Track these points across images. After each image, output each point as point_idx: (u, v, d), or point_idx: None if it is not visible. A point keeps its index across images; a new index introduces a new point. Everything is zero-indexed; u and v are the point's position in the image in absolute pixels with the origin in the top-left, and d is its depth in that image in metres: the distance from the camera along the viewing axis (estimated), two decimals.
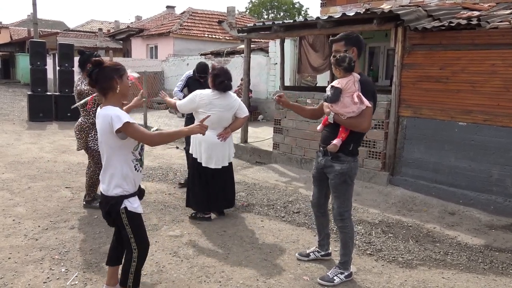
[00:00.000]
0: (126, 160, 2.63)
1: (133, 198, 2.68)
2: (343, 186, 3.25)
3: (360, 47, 3.25)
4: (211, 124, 4.30)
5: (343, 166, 3.20)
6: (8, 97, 18.15)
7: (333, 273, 3.31)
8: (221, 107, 4.32)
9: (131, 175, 2.65)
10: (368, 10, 5.73)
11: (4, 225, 4.22)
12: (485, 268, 3.69)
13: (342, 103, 3.14)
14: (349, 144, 3.21)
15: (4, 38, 33.16)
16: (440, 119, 5.43)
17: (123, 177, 2.62)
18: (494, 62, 4.94)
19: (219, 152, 4.42)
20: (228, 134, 4.44)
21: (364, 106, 3.09)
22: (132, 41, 23.03)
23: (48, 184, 5.68)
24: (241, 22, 21.27)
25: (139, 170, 2.71)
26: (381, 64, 9.40)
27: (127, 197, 2.65)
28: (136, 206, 2.68)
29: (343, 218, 3.29)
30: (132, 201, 2.67)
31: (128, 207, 2.64)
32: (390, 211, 5.04)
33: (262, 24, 7.57)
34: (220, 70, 4.38)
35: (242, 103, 4.59)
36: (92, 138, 4.65)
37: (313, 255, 3.68)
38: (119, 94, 2.64)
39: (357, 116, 3.13)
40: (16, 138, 9.02)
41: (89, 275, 3.28)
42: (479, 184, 5.14)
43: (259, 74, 12.41)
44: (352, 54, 3.18)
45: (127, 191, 2.64)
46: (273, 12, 43.94)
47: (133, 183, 2.68)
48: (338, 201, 3.28)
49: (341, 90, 3.12)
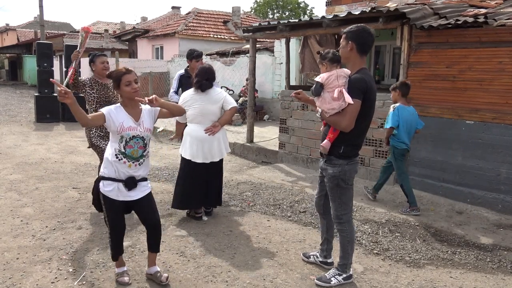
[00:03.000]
0: (112, 148, 3.01)
1: (109, 182, 2.99)
2: (336, 190, 3.16)
3: (360, 42, 2.98)
4: (195, 117, 4.37)
5: (335, 170, 3.11)
6: (15, 98, 18.30)
7: (331, 274, 3.28)
8: (202, 101, 4.31)
9: (111, 162, 2.98)
10: (374, 9, 5.70)
11: (13, 226, 4.26)
12: (494, 267, 3.66)
13: (322, 98, 3.05)
14: (339, 147, 3.08)
15: (11, 40, 33.46)
16: (447, 117, 5.40)
17: (107, 162, 3.01)
18: (502, 60, 4.90)
19: (206, 147, 4.36)
20: (216, 128, 4.35)
21: (346, 103, 2.93)
22: (138, 42, 23.11)
23: (55, 185, 5.72)
24: (246, 22, 21.27)
25: (121, 160, 2.97)
26: (387, 63, 9.34)
27: (104, 179, 3.01)
28: (108, 189, 2.99)
29: (341, 222, 3.22)
30: (106, 184, 3.00)
31: (100, 188, 3.02)
32: (397, 210, 5.01)
33: (267, 23, 7.56)
34: (200, 70, 4.37)
35: (229, 96, 4.47)
36: (94, 135, 4.67)
37: (312, 258, 3.64)
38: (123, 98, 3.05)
39: (338, 114, 2.99)
40: (24, 139, 9.08)
41: (97, 275, 3.30)
42: (487, 183, 5.10)
43: (264, 73, 12.39)
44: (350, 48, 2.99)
45: (106, 174, 3.00)
46: (278, 11, 43.87)
47: (114, 170, 2.98)
48: (334, 204, 3.22)
49: (322, 85, 3.03)
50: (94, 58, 4.75)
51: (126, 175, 2.99)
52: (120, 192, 3.00)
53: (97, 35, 29.41)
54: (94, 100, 4.60)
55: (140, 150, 3.02)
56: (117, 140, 2.98)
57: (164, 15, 28.17)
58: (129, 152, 2.98)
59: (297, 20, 6.89)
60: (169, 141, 8.96)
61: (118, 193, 3.00)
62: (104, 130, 4.72)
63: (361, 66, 3.06)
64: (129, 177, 3.00)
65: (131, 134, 2.98)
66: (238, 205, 5.10)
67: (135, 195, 3.05)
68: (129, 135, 2.97)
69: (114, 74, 3.04)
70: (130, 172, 3.00)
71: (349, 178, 3.15)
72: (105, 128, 4.63)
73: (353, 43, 3.00)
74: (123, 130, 2.96)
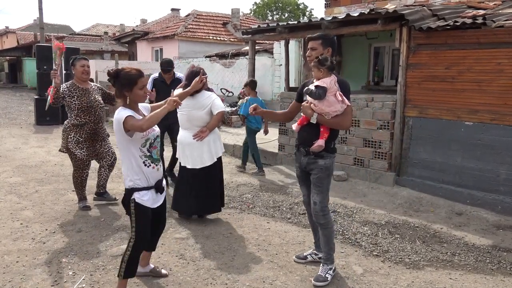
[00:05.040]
0: (134, 156, 2.82)
1: (144, 192, 2.86)
2: (326, 180, 3.32)
3: (334, 48, 3.39)
4: (183, 123, 4.43)
5: (327, 161, 3.29)
6: (15, 101, 18.30)
7: (324, 271, 3.34)
8: (188, 107, 4.29)
9: (141, 170, 2.84)
10: (373, 10, 5.72)
11: (12, 229, 4.26)
12: (493, 268, 3.66)
13: (327, 101, 3.19)
14: (330, 143, 3.31)
15: (11, 43, 33.47)
16: (446, 119, 5.40)
17: (134, 172, 2.83)
18: (501, 61, 4.90)
19: (195, 152, 4.37)
20: (204, 134, 4.34)
21: (345, 105, 3.20)
22: (138, 44, 23.14)
23: (55, 188, 5.72)
24: (245, 23, 21.33)
25: (150, 166, 2.86)
26: (386, 64, 9.34)
27: (138, 190, 2.84)
28: (145, 198, 2.86)
29: (325, 214, 3.31)
30: (142, 194, 2.85)
31: (136, 199, 2.84)
32: (397, 212, 5.01)
33: (266, 25, 7.58)
34: (187, 73, 4.36)
35: (218, 100, 4.39)
36: (72, 140, 4.66)
37: (310, 257, 3.67)
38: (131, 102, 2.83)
39: (341, 115, 3.22)
40: (24, 142, 9.09)
41: (96, 278, 3.30)
42: (486, 184, 5.10)
43: (264, 75, 12.40)
44: (328, 54, 3.30)
45: (138, 185, 2.84)
46: (277, 13, 43.93)
47: (145, 178, 2.86)
48: (321, 195, 3.31)
49: (327, 90, 3.17)
50: (75, 62, 4.71)
51: (155, 180, 2.92)
52: (154, 199, 2.93)
53: (97, 37, 29.46)
54: (75, 107, 4.60)
55: (160, 150, 3.00)
56: (138, 145, 2.82)
57: (163, 17, 28.21)
58: (154, 154, 2.91)
59: (296, 22, 6.90)
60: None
61: (153, 200, 2.93)
62: (83, 135, 4.69)
63: None
64: (158, 181, 2.94)
65: (155, 134, 2.91)
66: (237, 207, 5.10)
67: (161, 199, 3.02)
68: (154, 136, 2.89)
69: (125, 74, 2.76)
70: (158, 176, 2.94)
71: (333, 170, 3.44)
72: (84, 134, 4.66)
73: (331, 49, 3.35)
74: (148, 133, 2.84)
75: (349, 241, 4.13)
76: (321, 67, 3.20)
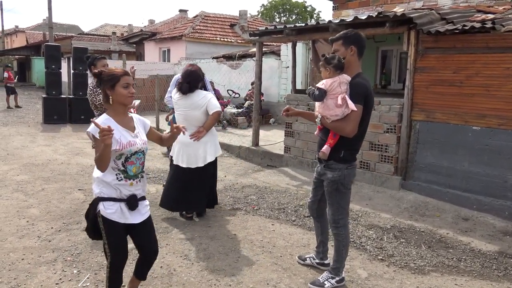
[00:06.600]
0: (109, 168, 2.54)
1: (110, 203, 2.56)
2: (335, 194, 3.16)
3: (360, 45, 3.08)
4: (180, 123, 4.44)
5: (335, 174, 3.11)
6: (23, 99, 18.46)
7: (324, 278, 3.29)
8: (185, 107, 4.36)
9: (112, 183, 2.57)
10: (381, 14, 5.69)
11: (18, 227, 4.29)
12: (499, 275, 3.62)
13: (325, 105, 3.05)
14: (339, 151, 3.09)
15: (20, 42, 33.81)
16: (454, 123, 5.37)
17: (104, 182, 2.57)
18: (509, 66, 4.86)
19: (191, 152, 4.42)
20: (201, 134, 4.37)
21: (349, 110, 2.96)
22: (145, 45, 23.24)
23: (61, 186, 5.75)
24: (253, 25, 21.33)
25: (122, 180, 2.58)
26: (394, 68, 9.30)
27: (104, 200, 2.56)
28: (109, 211, 2.55)
29: (338, 226, 3.21)
30: (107, 206, 2.55)
31: (101, 211, 2.55)
32: (402, 216, 4.98)
33: (274, 27, 7.57)
34: (183, 72, 4.43)
35: (214, 99, 4.39)
36: None
37: (309, 260, 3.65)
38: (115, 103, 2.60)
39: (341, 120, 3.01)
40: (31, 140, 9.16)
41: (101, 277, 3.31)
42: (493, 190, 5.05)
43: (270, 77, 12.40)
44: (352, 53, 3.06)
45: (105, 194, 2.57)
46: (285, 15, 43.97)
47: (115, 190, 2.58)
48: (332, 208, 3.21)
49: (325, 92, 3.03)
50: (95, 61, 4.71)
51: (127, 194, 2.61)
52: (123, 214, 2.59)
53: (105, 37, 29.63)
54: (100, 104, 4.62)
55: (141, 166, 2.67)
56: (113, 156, 2.52)
57: (171, 18, 28.34)
58: (130, 170, 2.60)
59: (303, 24, 6.89)
60: None
61: (121, 215, 2.59)
62: None
63: (358, 71, 3.12)
64: (131, 195, 2.61)
65: (133, 150, 2.59)
66: (242, 208, 5.10)
67: (137, 217, 2.66)
68: (130, 151, 2.58)
69: (108, 73, 2.60)
70: (131, 190, 2.62)
71: (348, 182, 3.16)
72: None
73: (355, 47, 3.05)
74: (123, 147, 2.54)
75: (354, 245, 4.11)
76: (327, 65, 3.04)
